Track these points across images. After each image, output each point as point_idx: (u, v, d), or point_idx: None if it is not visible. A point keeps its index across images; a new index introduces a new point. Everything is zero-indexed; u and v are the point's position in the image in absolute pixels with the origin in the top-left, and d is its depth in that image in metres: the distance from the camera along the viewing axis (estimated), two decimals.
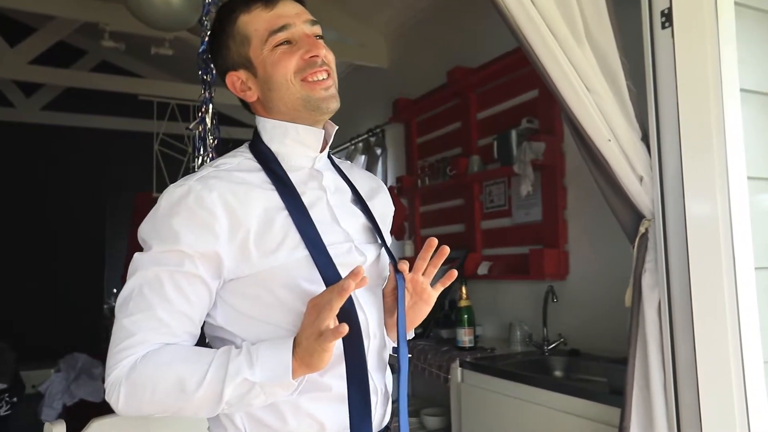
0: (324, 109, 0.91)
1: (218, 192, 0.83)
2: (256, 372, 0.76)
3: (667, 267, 1.34)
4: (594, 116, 1.37)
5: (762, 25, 1.38)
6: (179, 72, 4.81)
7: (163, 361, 0.79)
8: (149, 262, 0.82)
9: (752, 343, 1.22)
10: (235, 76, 0.93)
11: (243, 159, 0.92)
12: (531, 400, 1.87)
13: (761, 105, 1.34)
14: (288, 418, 0.85)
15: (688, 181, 1.28)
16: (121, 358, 0.80)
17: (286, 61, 0.89)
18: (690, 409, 1.28)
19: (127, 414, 0.81)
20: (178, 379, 0.78)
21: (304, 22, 0.91)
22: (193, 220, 0.82)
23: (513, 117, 2.61)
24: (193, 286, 0.82)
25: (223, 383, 0.76)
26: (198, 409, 0.79)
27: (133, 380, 0.79)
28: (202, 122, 1.65)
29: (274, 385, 0.77)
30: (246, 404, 0.79)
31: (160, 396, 0.79)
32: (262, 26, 0.90)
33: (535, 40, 1.36)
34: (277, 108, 0.92)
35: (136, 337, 0.80)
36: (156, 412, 0.81)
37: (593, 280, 2.28)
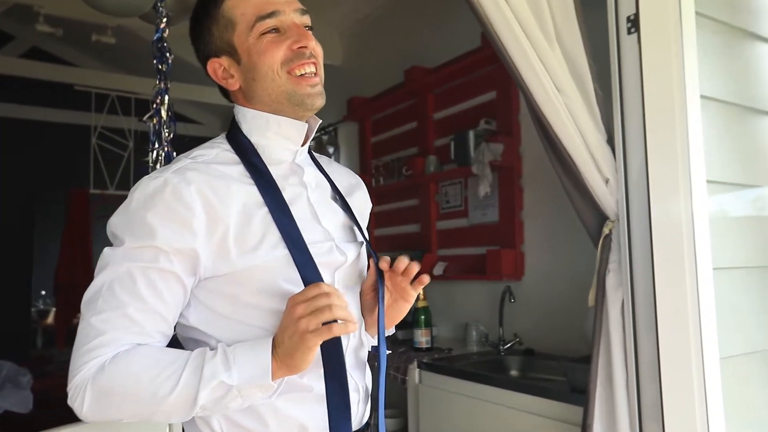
0: (308, 105, 0.88)
1: (196, 185, 0.80)
2: (233, 374, 0.73)
3: (630, 267, 1.37)
4: (563, 117, 1.39)
5: (718, 34, 1.43)
6: (120, 62, 4.56)
7: (134, 364, 0.75)
8: (121, 257, 0.78)
9: (711, 341, 1.27)
10: (217, 63, 0.89)
11: (221, 151, 0.88)
12: (491, 400, 1.88)
13: (717, 112, 1.39)
14: (268, 420, 0.82)
15: (653, 183, 1.31)
16: (87, 360, 0.75)
17: (273, 50, 0.85)
18: (652, 406, 1.31)
19: (92, 420, 0.77)
20: (149, 383, 0.74)
21: (294, 10, 0.88)
22: (169, 214, 0.78)
23: (470, 118, 2.63)
24: (167, 284, 0.78)
25: (198, 387, 0.73)
26: (170, 414, 0.75)
27: (101, 384, 0.74)
28: (156, 114, 1.56)
29: (253, 387, 0.74)
30: (222, 407, 0.76)
31: (130, 401, 0.75)
32: (250, 11, 0.86)
33: (508, 38, 1.36)
34: (260, 98, 0.88)
35: (104, 337, 0.75)
36: (124, 418, 0.77)
37: (548, 281, 2.32)
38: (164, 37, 1.61)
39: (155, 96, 1.59)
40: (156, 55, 1.60)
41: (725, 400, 1.25)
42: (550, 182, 2.23)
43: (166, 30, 1.62)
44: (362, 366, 0.95)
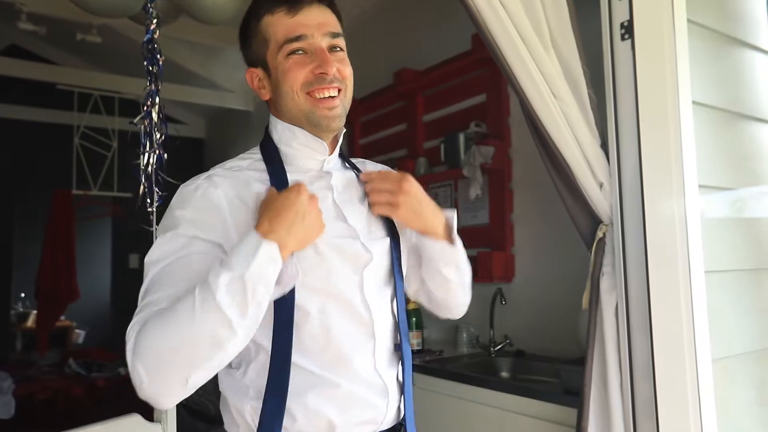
0: (324, 127, 0.93)
1: (223, 189, 0.88)
2: (234, 267, 0.76)
3: (624, 270, 1.38)
4: (559, 122, 1.40)
5: (708, 42, 1.46)
6: (103, 61, 4.49)
7: (157, 320, 0.76)
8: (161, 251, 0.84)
9: (703, 343, 1.29)
10: (254, 73, 0.97)
11: (252, 161, 0.96)
12: (482, 401, 1.88)
13: (708, 117, 1.42)
14: (297, 415, 0.86)
15: (647, 187, 1.33)
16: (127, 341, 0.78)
17: (296, 72, 0.91)
18: (646, 407, 1.33)
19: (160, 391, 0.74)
20: (175, 322, 0.75)
21: (324, 34, 0.92)
22: (198, 212, 0.86)
23: (460, 120, 2.64)
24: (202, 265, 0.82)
25: (213, 294, 0.74)
26: (214, 338, 0.74)
27: (141, 350, 0.75)
28: (147, 116, 1.53)
29: (259, 263, 0.76)
30: (256, 305, 0.76)
31: (174, 343, 0.74)
32: (281, 31, 0.91)
33: (505, 43, 1.37)
34: (284, 112, 0.95)
35: (144, 312, 0.79)
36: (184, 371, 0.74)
37: (538, 283, 2.34)
38: (155, 39, 1.59)
39: (146, 98, 1.57)
40: (146, 56, 1.57)
41: (718, 401, 1.28)
42: (539, 185, 2.25)
43: (156, 31, 1.59)
44: (394, 366, 0.96)
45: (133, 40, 3.66)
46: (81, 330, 5.37)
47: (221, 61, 4.46)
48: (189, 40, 3.52)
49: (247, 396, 0.89)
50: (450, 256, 1.02)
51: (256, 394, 0.88)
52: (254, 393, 0.88)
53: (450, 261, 1.02)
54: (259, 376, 0.87)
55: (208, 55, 4.34)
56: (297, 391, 0.87)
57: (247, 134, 4.86)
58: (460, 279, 1.05)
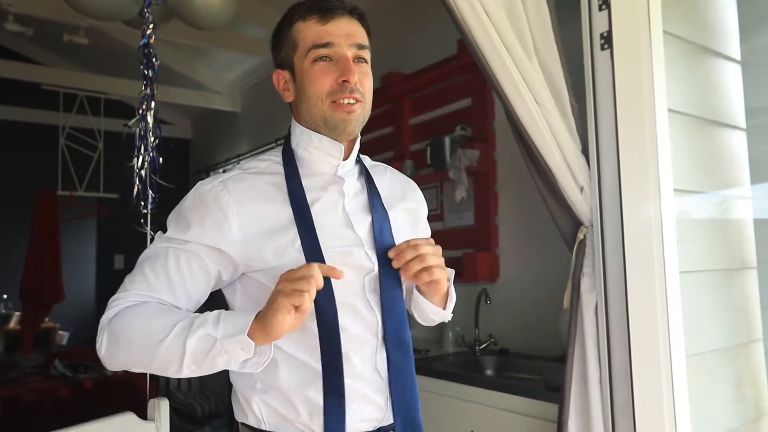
0: (341, 129, 0.96)
1: (235, 195, 0.93)
2: (219, 329, 0.83)
3: (604, 271, 1.44)
4: (541, 127, 1.45)
5: (683, 52, 1.53)
6: (90, 62, 4.48)
7: (141, 313, 0.87)
8: (162, 240, 0.93)
9: (678, 340, 1.35)
10: (281, 75, 1.01)
11: (271, 163, 1.00)
12: (468, 398, 1.93)
13: (682, 124, 1.48)
14: (300, 408, 0.91)
15: (625, 191, 1.39)
16: (109, 308, 0.89)
17: (322, 79, 0.94)
18: (624, 402, 1.39)
19: (109, 363, 0.88)
20: (149, 327, 0.85)
21: (350, 45, 0.96)
22: (206, 216, 0.91)
23: (446, 124, 2.69)
24: (190, 267, 0.91)
25: (187, 336, 0.83)
26: (165, 361, 0.84)
27: (113, 327, 0.87)
28: (142, 120, 1.56)
29: (234, 343, 0.82)
30: (210, 363, 0.84)
31: (134, 344, 0.86)
32: (310, 37, 0.95)
33: (490, 52, 1.41)
34: (304, 116, 0.99)
35: (126, 293, 0.90)
36: (132, 363, 0.88)
37: (522, 283, 2.40)
38: (150, 43, 1.61)
39: (141, 101, 1.59)
40: (142, 60, 1.60)
41: (691, 396, 1.34)
42: (523, 188, 2.31)
43: (152, 36, 1.62)
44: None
45: (120, 41, 3.67)
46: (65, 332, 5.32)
47: (208, 62, 4.46)
48: (176, 42, 3.52)
49: (254, 389, 0.94)
50: (440, 314, 1.07)
51: (264, 387, 0.93)
52: (261, 386, 0.93)
53: (440, 314, 1.08)
54: (267, 371, 0.91)
55: (195, 56, 4.35)
56: (299, 385, 0.91)
57: (233, 135, 4.87)
58: (442, 317, 1.10)
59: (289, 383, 0.91)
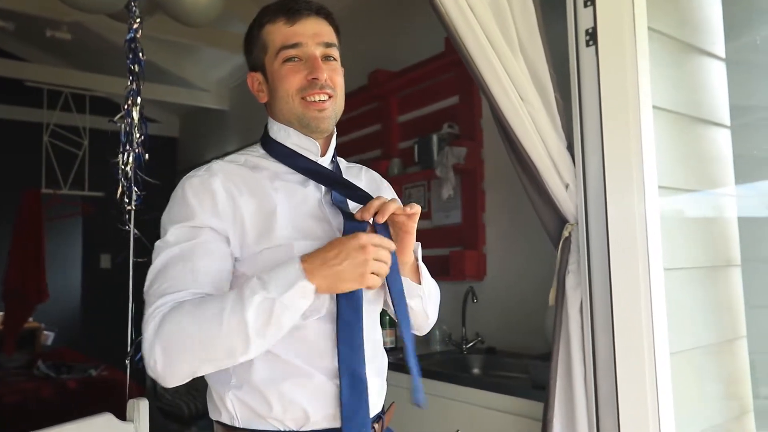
0: (314, 128, 1.00)
1: (220, 178, 0.94)
2: (271, 289, 0.82)
3: (589, 268, 1.44)
4: (526, 124, 1.44)
5: (668, 48, 1.52)
6: (75, 59, 4.42)
7: (187, 310, 0.84)
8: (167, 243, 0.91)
9: (661, 338, 1.35)
10: (254, 77, 1.04)
11: (249, 156, 1.02)
12: (454, 398, 1.92)
13: (667, 121, 1.48)
14: (273, 403, 0.91)
15: (610, 188, 1.38)
16: (149, 322, 0.85)
17: (291, 78, 0.97)
18: (608, 400, 1.38)
19: (171, 376, 0.83)
20: (202, 319, 0.82)
21: (318, 43, 0.99)
22: (201, 202, 0.92)
23: (434, 121, 2.68)
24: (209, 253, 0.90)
25: (244, 309, 0.81)
26: (230, 346, 0.82)
27: (163, 336, 0.83)
28: (128, 116, 1.54)
29: (293, 294, 0.82)
30: (277, 328, 0.83)
31: (192, 343, 0.82)
32: (279, 39, 0.99)
33: (475, 48, 1.40)
34: (278, 115, 1.03)
35: (159, 300, 0.86)
36: (195, 365, 0.83)
37: (509, 281, 2.39)
38: (137, 38, 1.59)
39: (127, 97, 1.57)
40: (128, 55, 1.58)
41: (675, 393, 1.34)
42: (510, 186, 2.31)
43: (139, 30, 1.60)
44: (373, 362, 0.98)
45: (105, 37, 3.62)
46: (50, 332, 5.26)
47: (196, 59, 4.43)
48: (163, 39, 3.49)
49: (229, 384, 0.93)
50: (413, 290, 1.05)
51: (238, 382, 0.92)
52: (236, 381, 0.93)
53: (413, 294, 1.06)
54: (241, 366, 0.91)
55: (183, 53, 4.31)
56: (273, 379, 0.91)
57: (222, 133, 4.83)
58: (423, 307, 1.09)
59: (264, 377, 0.91)
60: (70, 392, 3.10)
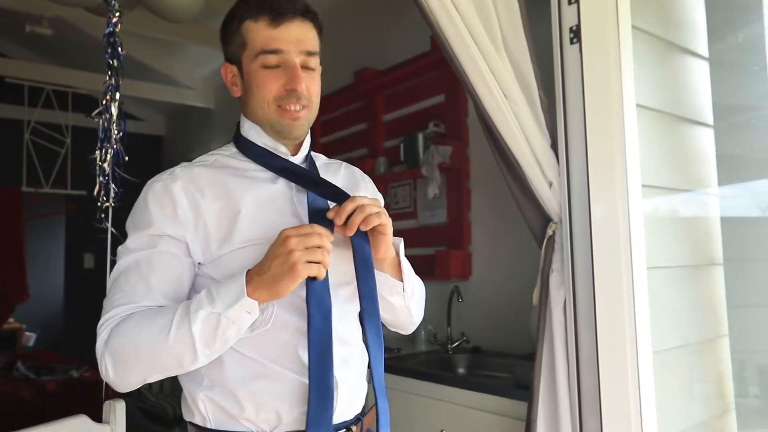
0: (286, 134, 0.98)
1: (182, 182, 0.93)
2: (217, 304, 0.83)
3: (572, 267, 1.43)
4: (510, 122, 1.43)
5: (652, 47, 1.52)
6: (56, 55, 4.35)
7: (134, 323, 0.85)
8: (127, 249, 0.91)
9: (644, 337, 1.34)
10: (229, 69, 1.01)
11: (219, 156, 1.01)
12: (439, 398, 1.91)
13: (651, 120, 1.48)
14: (245, 404, 0.90)
15: (593, 187, 1.37)
16: (99, 334, 0.87)
17: (269, 85, 0.95)
18: (591, 399, 1.38)
19: (121, 383, 0.86)
20: (148, 332, 0.83)
21: (299, 52, 0.95)
22: (161, 208, 0.91)
23: (420, 120, 2.67)
24: (166, 264, 0.90)
25: (190, 323, 0.82)
26: (178, 358, 0.84)
27: (112, 348, 0.85)
28: (106, 111, 1.50)
29: (237, 309, 0.82)
30: (222, 339, 0.84)
31: (141, 354, 0.84)
32: (260, 41, 0.94)
33: (458, 45, 1.39)
34: (251, 115, 1.01)
35: (110, 312, 0.88)
36: (145, 374, 0.86)
37: (494, 280, 2.38)
38: (116, 32, 1.56)
39: (105, 92, 1.53)
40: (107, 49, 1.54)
41: (658, 392, 1.33)
42: (496, 185, 2.30)
43: (118, 24, 1.56)
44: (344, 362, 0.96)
45: (87, 33, 3.57)
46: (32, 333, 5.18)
47: (181, 57, 4.38)
48: (148, 35, 3.44)
49: (201, 385, 0.92)
50: (395, 287, 1.04)
51: (210, 383, 0.91)
52: (208, 382, 0.92)
53: (395, 291, 1.04)
54: (213, 367, 0.90)
55: (168, 50, 4.26)
56: (245, 380, 0.90)
57: (208, 132, 4.78)
58: (405, 305, 1.07)
59: (236, 378, 0.90)
60: (50, 394, 3.05)
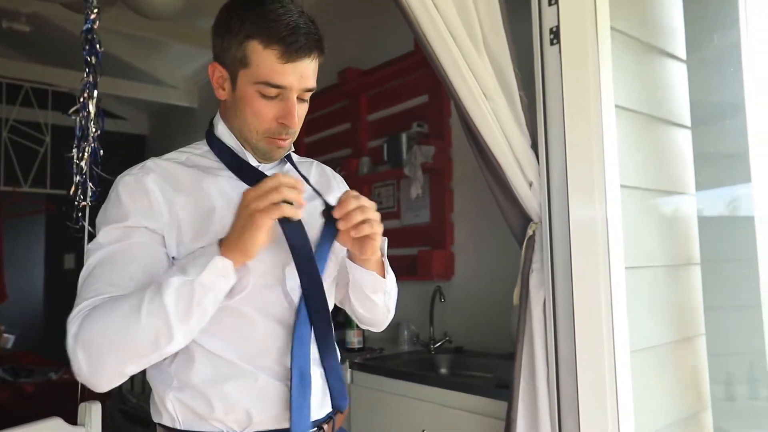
0: (268, 158, 0.99)
1: (154, 176, 0.92)
2: (189, 272, 0.80)
3: (552, 267, 1.44)
4: (490, 122, 1.43)
5: (630, 49, 1.53)
6: (35, 52, 4.28)
7: (105, 309, 0.81)
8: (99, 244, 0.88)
9: (622, 336, 1.35)
10: (218, 71, 0.95)
11: (190, 155, 1.00)
12: (421, 398, 1.91)
13: (630, 121, 1.49)
14: (215, 404, 0.89)
15: (571, 187, 1.38)
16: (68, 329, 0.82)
17: (263, 115, 0.92)
18: (569, 399, 1.38)
19: (98, 378, 0.80)
20: (120, 313, 0.79)
21: (302, 89, 0.93)
22: (135, 200, 0.89)
23: (403, 120, 2.67)
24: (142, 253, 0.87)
25: (162, 294, 0.78)
26: (154, 337, 0.79)
27: (83, 339, 0.80)
28: (83, 109, 1.48)
29: (212, 275, 0.80)
30: (199, 310, 0.80)
31: (114, 339, 0.79)
32: (264, 71, 0.89)
33: (439, 46, 1.39)
34: (231, 124, 0.98)
35: (79, 306, 0.83)
36: (121, 363, 0.80)
37: (476, 280, 2.39)
38: (94, 29, 1.53)
39: (83, 89, 1.51)
40: (84, 46, 1.51)
41: (636, 390, 1.34)
42: (478, 185, 2.30)
43: (96, 21, 1.54)
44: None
45: (66, 30, 3.52)
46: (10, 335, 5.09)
47: (164, 55, 4.33)
48: (130, 33, 3.40)
49: (170, 386, 0.91)
50: (379, 284, 1.04)
51: (179, 384, 0.90)
52: (178, 383, 0.90)
53: (378, 288, 1.04)
54: (183, 367, 0.90)
55: (151, 49, 4.21)
56: (215, 380, 0.89)
57: (191, 131, 4.74)
58: (386, 302, 1.08)
59: (205, 379, 0.89)
60: (28, 397, 3.00)
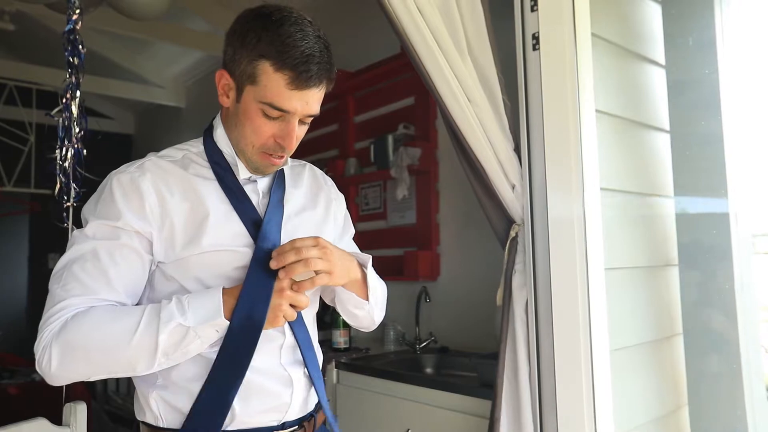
0: (262, 172, 0.99)
1: (151, 179, 0.91)
2: (188, 317, 0.82)
3: (534, 268, 1.46)
4: (474, 126, 1.46)
5: (611, 55, 1.57)
6: (20, 50, 4.24)
7: (95, 317, 0.82)
8: (86, 236, 0.88)
9: (600, 335, 1.38)
10: (226, 78, 0.94)
11: (187, 153, 0.99)
12: (407, 397, 1.93)
13: (610, 125, 1.52)
14: None
15: (550, 189, 1.41)
16: (50, 323, 0.83)
17: (262, 132, 0.92)
18: (550, 397, 1.41)
19: (61, 378, 0.82)
20: (111, 331, 0.81)
21: (305, 114, 0.92)
22: (128, 201, 0.89)
23: (390, 122, 2.69)
24: (126, 258, 0.88)
25: (157, 331, 0.81)
26: (135, 362, 0.82)
27: (64, 339, 0.81)
28: (66, 110, 1.48)
29: (207, 326, 0.83)
30: (183, 352, 0.83)
31: (95, 352, 0.81)
32: (272, 93, 0.89)
33: (423, 51, 1.41)
34: (230, 133, 0.98)
35: (65, 302, 0.84)
36: (91, 372, 0.84)
37: (461, 281, 2.42)
38: (76, 29, 1.53)
39: (65, 90, 1.50)
40: (67, 47, 1.51)
41: (616, 388, 1.37)
42: (464, 187, 2.33)
43: (79, 21, 1.53)
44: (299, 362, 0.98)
45: (51, 29, 3.49)
46: None
47: (151, 55, 4.31)
48: (116, 33, 3.39)
49: (154, 384, 0.92)
50: (361, 304, 1.05)
51: (164, 382, 0.91)
52: (162, 381, 0.92)
53: (360, 306, 1.06)
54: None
55: (137, 48, 4.19)
56: (198, 377, 0.90)
57: (178, 131, 4.72)
58: (370, 314, 1.09)
59: (189, 376, 0.90)
60: (11, 398, 2.98)
